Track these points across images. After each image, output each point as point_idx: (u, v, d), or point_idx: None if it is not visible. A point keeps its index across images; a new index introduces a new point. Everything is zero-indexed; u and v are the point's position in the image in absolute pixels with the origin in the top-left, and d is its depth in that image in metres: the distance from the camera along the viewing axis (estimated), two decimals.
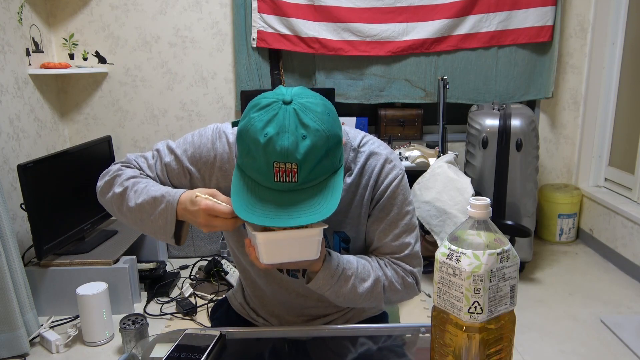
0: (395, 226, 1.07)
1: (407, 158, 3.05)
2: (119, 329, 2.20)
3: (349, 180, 1.06)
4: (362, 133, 1.11)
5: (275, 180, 0.85)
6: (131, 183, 1.04)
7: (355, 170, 1.06)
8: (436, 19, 3.17)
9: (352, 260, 1.03)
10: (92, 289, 2.27)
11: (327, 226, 0.92)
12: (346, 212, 1.07)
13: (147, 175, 1.08)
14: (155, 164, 1.09)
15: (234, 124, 0.96)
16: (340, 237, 1.08)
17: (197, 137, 1.09)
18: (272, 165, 0.83)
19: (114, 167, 1.10)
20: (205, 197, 0.93)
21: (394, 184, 1.06)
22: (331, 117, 0.87)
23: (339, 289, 1.00)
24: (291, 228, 0.89)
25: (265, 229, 0.91)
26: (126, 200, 1.03)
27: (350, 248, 1.10)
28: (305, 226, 0.94)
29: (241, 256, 1.16)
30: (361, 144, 1.08)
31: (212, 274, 2.85)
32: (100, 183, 1.10)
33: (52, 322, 2.43)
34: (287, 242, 0.89)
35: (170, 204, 0.97)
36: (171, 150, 1.08)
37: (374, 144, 1.09)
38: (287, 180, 0.84)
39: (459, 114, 3.42)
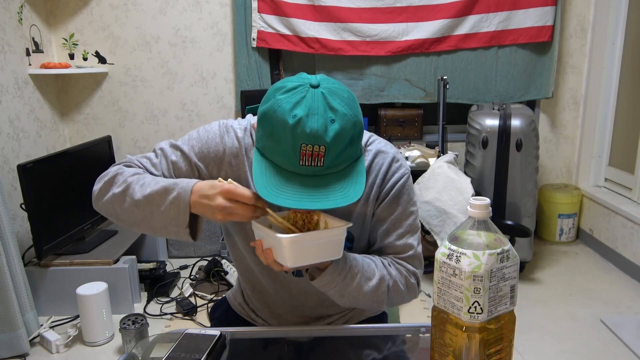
0: (399, 226, 1.07)
1: (407, 158, 3.05)
2: (119, 329, 2.20)
3: None
4: (369, 133, 1.11)
5: (300, 163, 0.83)
6: (135, 179, 0.99)
7: None
8: (436, 19, 3.17)
9: (357, 258, 1.01)
10: (92, 289, 2.27)
11: (351, 224, 0.90)
12: (351, 210, 1.06)
13: (152, 175, 1.03)
14: (160, 162, 1.04)
15: (250, 110, 0.95)
16: None
17: (202, 132, 1.06)
18: (299, 147, 0.82)
19: (113, 168, 1.04)
20: (229, 181, 0.90)
21: (400, 183, 1.06)
22: (356, 104, 0.88)
23: (345, 287, 0.98)
24: (316, 228, 0.89)
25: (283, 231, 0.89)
26: (130, 195, 0.96)
27: (353, 247, 1.09)
28: (319, 219, 0.93)
29: (247, 255, 1.14)
30: (368, 143, 1.08)
31: (212, 274, 2.85)
32: (97, 186, 1.02)
33: (52, 322, 2.43)
34: (313, 244, 0.86)
35: (183, 191, 0.92)
36: (176, 148, 1.05)
37: (380, 143, 1.09)
38: (313, 164, 0.83)
39: (459, 114, 3.42)
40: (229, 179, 0.92)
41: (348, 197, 0.84)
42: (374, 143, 1.08)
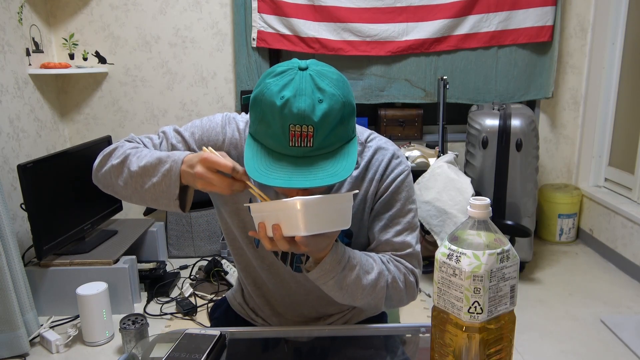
0: (397, 223, 1.06)
1: (407, 158, 3.05)
2: (119, 329, 2.20)
3: (355, 173, 1.05)
4: (369, 130, 1.12)
5: (290, 144, 0.84)
6: (133, 151, 1.01)
7: (362, 164, 1.06)
8: (436, 19, 3.17)
9: (355, 251, 1.01)
10: (92, 289, 2.27)
11: (357, 191, 0.92)
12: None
13: None
14: (161, 144, 1.07)
15: (247, 99, 0.96)
16: (342, 232, 1.07)
17: (205, 121, 1.09)
18: (287, 128, 0.83)
19: (114, 144, 1.06)
20: (209, 149, 0.91)
21: (399, 179, 1.06)
22: (346, 85, 0.89)
23: (344, 278, 0.97)
24: (323, 192, 0.89)
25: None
26: (127, 167, 0.98)
27: (352, 243, 1.09)
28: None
29: (247, 248, 1.14)
30: (368, 139, 1.09)
31: (212, 274, 2.85)
32: (97, 160, 1.05)
33: (52, 322, 2.43)
34: (325, 208, 0.85)
35: (175, 163, 0.93)
36: (178, 132, 1.07)
37: (381, 140, 1.10)
38: (302, 145, 0.84)
39: (459, 114, 3.42)
40: (210, 147, 0.92)
41: (337, 175, 0.84)
42: (375, 140, 1.09)
